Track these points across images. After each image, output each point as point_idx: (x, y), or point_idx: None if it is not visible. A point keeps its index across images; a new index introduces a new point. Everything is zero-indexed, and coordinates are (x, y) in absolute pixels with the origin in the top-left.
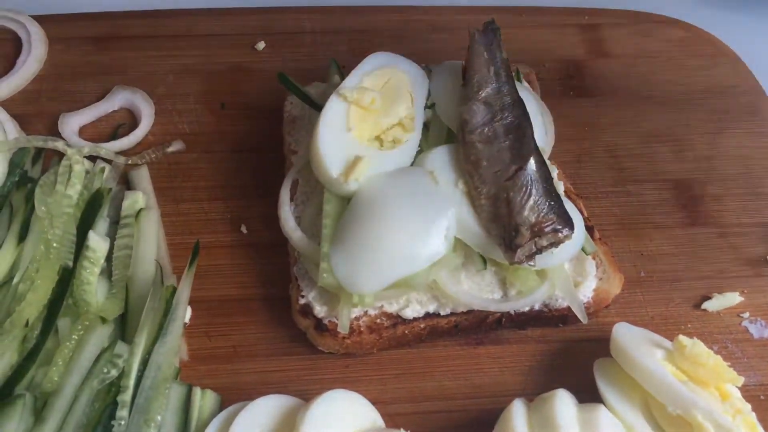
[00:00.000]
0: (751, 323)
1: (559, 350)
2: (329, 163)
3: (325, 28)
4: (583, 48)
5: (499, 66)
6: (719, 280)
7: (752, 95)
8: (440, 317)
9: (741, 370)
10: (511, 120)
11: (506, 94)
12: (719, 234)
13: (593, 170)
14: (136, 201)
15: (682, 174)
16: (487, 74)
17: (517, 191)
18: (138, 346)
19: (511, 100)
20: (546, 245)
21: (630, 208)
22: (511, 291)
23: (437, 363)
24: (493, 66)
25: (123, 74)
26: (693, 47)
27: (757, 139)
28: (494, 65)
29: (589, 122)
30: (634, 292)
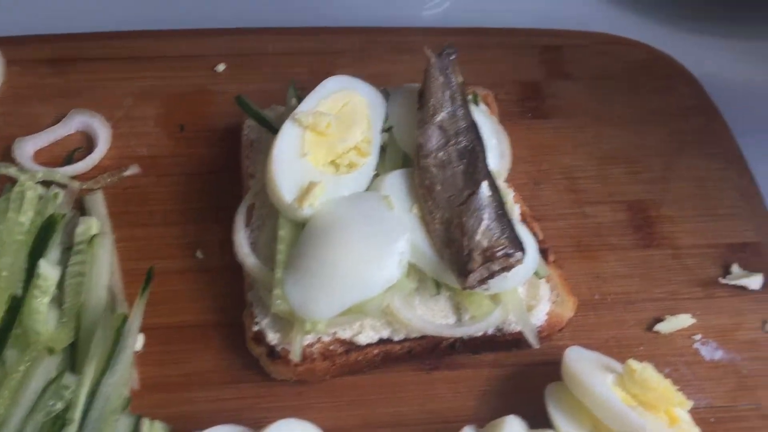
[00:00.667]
0: (702, 345)
1: (512, 374)
2: (283, 188)
3: (287, 50)
4: (543, 69)
5: (454, 90)
6: (672, 301)
7: (708, 116)
8: (394, 343)
9: (692, 393)
10: (465, 144)
11: (461, 119)
12: (673, 255)
13: (550, 192)
14: (90, 227)
15: (638, 195)
16: (443, 98)
17: (469, 216)
18: (86, 376)
19: (465, 124)
20: (498, 270)
21: (586, 230)
22: (464, 316)
23: (391, 389)
24: (448, 90)
25: (80, 97)
26: (652, 69)
27: (712, 161)
28: (450, 89)
29: (547, 144)
30: (588, 315)
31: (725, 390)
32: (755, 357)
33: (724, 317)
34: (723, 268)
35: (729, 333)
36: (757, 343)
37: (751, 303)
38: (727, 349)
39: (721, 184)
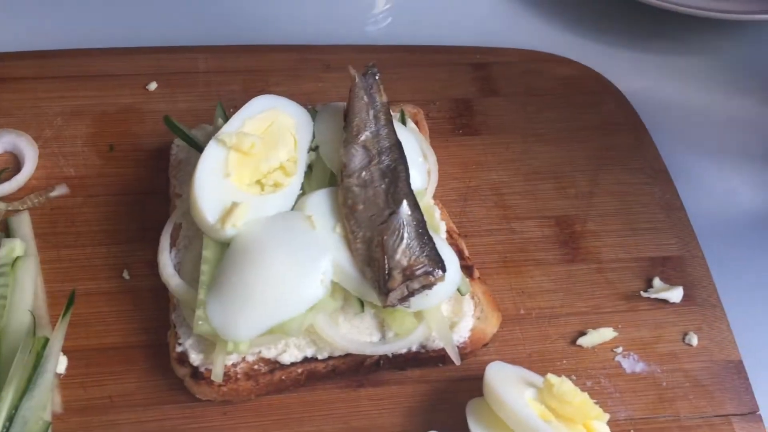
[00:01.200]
0: (624, 358)
1: (437, 390)
2: (206, 209)
3: (219, 68)
4: (474, 86)
5: (378, 109)
6: (595, 315)
7: (634, 132)
8: (318, 361)
9: (613, 405)
10: (388, 164)
11: (384, 138)
12: (597, 270)
13: (478, 208)
14: (13, 249)
15: (564, 210)
16: (367, 118)
17: (390, 235)
18: (4, 401)
19: (388, 143)
20: (418, 288)
21: (512, 245)
22: (388, 333)
23: (316, 407)
24: (372, 109)
25: (9, 117)
26: (580, 85)
27: (636, 175)
28: (374, 108)
29: (477, 160)
30: (514, 330)
31: (645, 402)
32: (675, 369)
33: (646, 330)
34: (645, 281)
35: (650, 346)
36: (676, 355)
37: (672, 316)
38: (647, 361)
39: (645, 199)
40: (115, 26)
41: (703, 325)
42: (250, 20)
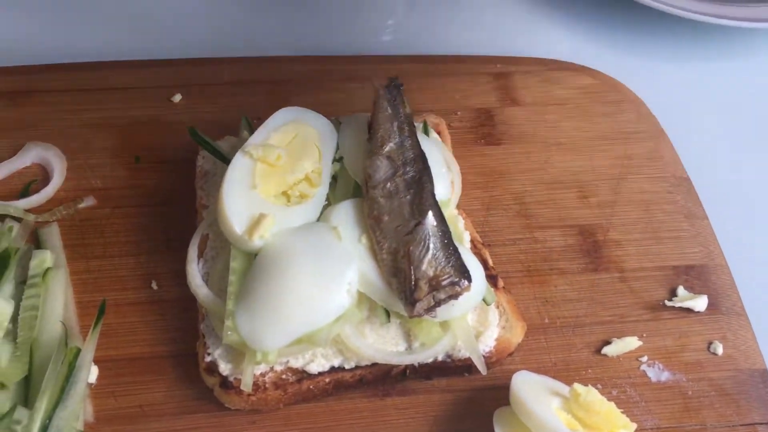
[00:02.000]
0: (649, 367)
1: (464, 399)
2: (234, 220)
3: (242, 79)
4: (494, 96)
5: (402, 121)
6: (619, 324)
7: (654, 140)
8: (345, 371)
9: (639, 414)
10: (413, 175)
11: (409, 149)
12: (620, 279)
13: (501, 218)
14: (44, 260)
15: (587, 220)
16: (391, 129)
17: (416, 245)
18: (38, 411)
19: (413, 154)
20: (444, 298)
21: (535, 254)
22: (414, 343)
23: (343, 416)
24: (396, 121)
25: (36, 129)
26: (600, 94)
27: (657, 184)
28: (398, 120)
29: (499, 170)
30: (538, 339)
31: (671, 411)
32: (700, 378)
33: (670, 339)
34: (669, 290)
35: (675, 354)
36: (701, 364)
37: (696, 324)
38: (672, 370)
39: (668, 208)
40: (139, 39)
41: (727, 334)
42: (271, 32)
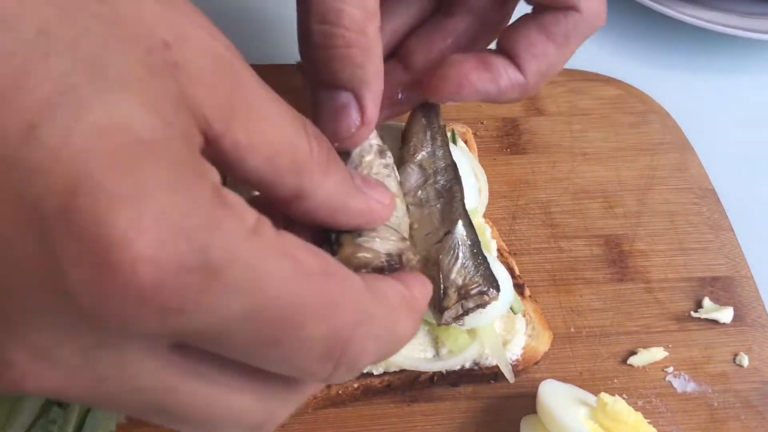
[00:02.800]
0: (675, 377)
1: (490, 407)
2: None
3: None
4: (519, 105)
5: (435, 131)
6: (645, 335)
7: (680, 151)
8: (374, 377)
9: (665, 425)
10: (443, 184)
11: (440, 159)
12: (646, 289)
13: (527, 227)
14: None
15: (612, 230)
16: (424, 138)
17: (445, 254)
18: (72, 411)
19: (444, 164)
20: (472, 307)
21: (561, 264)
22: (442, 350)
23: (371, 421)
24: (429, 131)
25: None
26: (625, 105)
27: (683, 195)
28: (431, 130)
29: (524, 179)
30: (564, 348)
31: (697, 422)
32: (726, 389)
33: (696, 350)
34: (694, 301)
35: (701, 366)
36: (727, 376)
37: (722, 336)
38: (698, 381)
39: (694, 219)
40: None
41: (753, 346)
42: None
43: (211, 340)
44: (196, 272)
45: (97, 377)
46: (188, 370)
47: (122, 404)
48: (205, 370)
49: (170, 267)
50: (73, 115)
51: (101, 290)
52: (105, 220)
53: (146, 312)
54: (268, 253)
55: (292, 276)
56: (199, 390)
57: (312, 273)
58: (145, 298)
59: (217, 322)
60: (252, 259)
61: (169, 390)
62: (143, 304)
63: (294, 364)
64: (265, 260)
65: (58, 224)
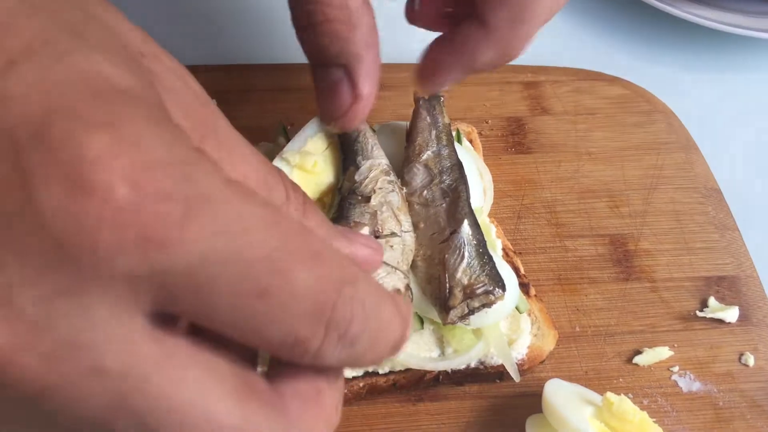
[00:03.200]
0: (680, 377)
1: (495, 406)
2: None
3: (274, 86)
4: (524, 105)
5: (440, 130)
6: (650, 334)
7: (685, 151)
8: (379, 376)
9: (670, 424)
10: (449, 183)
11: (446, 158)
12: (651, 289)
13: (532, 226)
14: None
15: (618, 229)
16: (429, 138)
17: (451, 254)
18: None
19: (450, 163)
20: (478, 306)
21: (566, 263)
22: (447, 349)
23: (376, 420)
24: (434, 129)
25: None
26: (630, 104)
27: (689, 195)
28: (436, 129)
29: (529, 178)
30: (569, 347)
31: (702, 421)
32: (731, 389)
33: (701, 349)
34: (700, 301)
35: (706, 365)
36: (733, 376)
37: (728, 336)
38: (704, 381)
39: (699, 218)
40: (172, 45)
41: (759, 346)
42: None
43: (195, 289)
44: (177, 201)
45: (52, 342)
46: (166, 354)
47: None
48: (185, 358)
49: (150, 190)
50: (52, 58)
51: (74, 209)
52: (79, 141)
53: (123, 239)
54: (249, 198)
55: (273, 222)
56: (177, 384)
57: (292, 224)
58: (122, 221)
59: (198, 262)
60: (234, 200)
61: (140, 378)
62: (120, 228)
63: (284, 324)
64: (245, 204)
65: (31, 147)
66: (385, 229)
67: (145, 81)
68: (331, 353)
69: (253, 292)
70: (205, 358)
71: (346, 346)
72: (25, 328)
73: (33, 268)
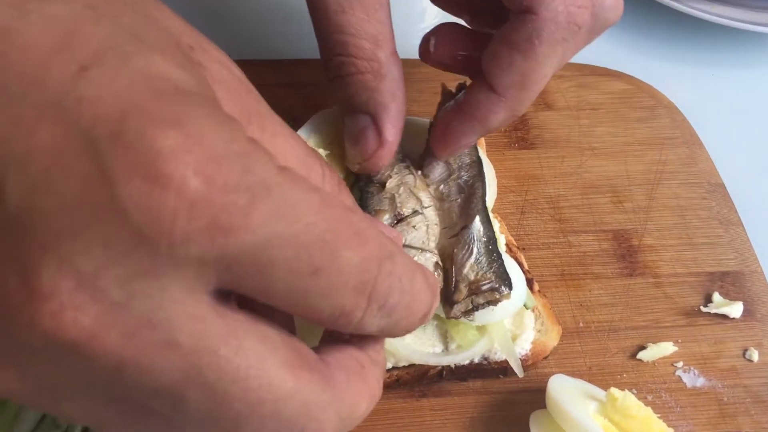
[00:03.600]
0: (684, 372)
1: (499, 401)
2: None
3: (282, 82)
4: None
5: None
6: (654, 329)
7: (689, 146)
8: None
9: (674, 420)
10: (466, 179)
11: (466, 154)
12: (655, 284)
13: (535, 222)
14: None
15: (621, 225)
16: None
17: (460, 248)
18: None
19: (469, 160)
20: (483, 303)
21: (570, 258)
22: (451, 345)
23: (380, 416)
24: None
25: None
26: (634, 99)
27: (692, 190)
28: None
29: (533, 174)
30: (573, 343)
31: (707, 417)
32: (736, 384)
33: (706, 345)
34: (704, 296)
35: (710, 361)
36: (737, 371)
37: (732, 331)
38: (708, 376)
39: (703, 214)
40: None
41: (763, 341)
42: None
43: (257, 270)
44: (241, 191)
45: (132, 319)
46: (229, 328)
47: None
48: (244, 331)
49: (218, 182)
50: (120, 62)
51: (152, 201)
52: (154, 137)
53: (196, 227)
54: (300, 185)
55: (322, 206)
56: (240, 355)
57: (338, 206)
58: (195, 211)
59: (261, 245)
60: (288, 187)
61: (209, 351)
62: (194, 218)
63: (334, 298)
64: (299, 190)
65: (110, 144)
66: (406, 209)
67: (199, 76)
68: (372, 322)
69: (307, 271)
70: (261, 329)
71: (384, 315)
72: (108, 307)
73: (116, 253)
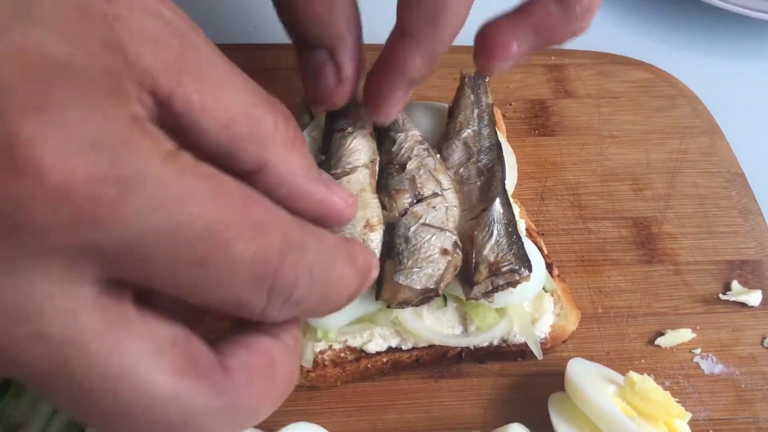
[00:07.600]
0: (702, 359)
1: (517, 384)
2: None
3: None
4: (548, 88)
5: (483, 109)
6: (673, 316)
7: (709, 136)
8: (402, 351)
9: (691, 405)
10: (486, 162)
11: (485, 138)
12: (674, 271)
13: (555, 208)
14: None
15: (641, 212)
16: (471, 116)
17: (480, 230)
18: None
19: (489, 143)
20: (502, 284)
21: (589, 245)
22: (470, 327)
23: (399, 396)
24: (477, 109)
25: None
26: (654, 88)
27: (712, 179)
28: (479, 108)
29: (553, 161)
30: (591, 328)
31: (724, 403)
32: (754, 371)
33: (724, 332)
34: (723, 284)
35: (728, 348)
36: (755, 358)
37: (751, 319)
38: (726, 363)
39: (722, 203)
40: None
41: None
42: None
43: (136, 260)
44: (108, 184)
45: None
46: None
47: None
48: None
49: (80, 173)
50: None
51: (10, 191)
52: (12, 120)
53: (59, 218)
54: (186, 174)
55: (212, 195)
56: (114, 353)
57: (234, 195)
58: (55, 201)
59: (136, 238)
60: (168, 178)
61: (78, 345)
62: (53, 209)
63: (226, 290)
64: (183, 180)
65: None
66: (426, 190)
67: (94, 44)
68: (278, 313)
69: (192, 262)
70: (148, 328)
71: (292, 306)
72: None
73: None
